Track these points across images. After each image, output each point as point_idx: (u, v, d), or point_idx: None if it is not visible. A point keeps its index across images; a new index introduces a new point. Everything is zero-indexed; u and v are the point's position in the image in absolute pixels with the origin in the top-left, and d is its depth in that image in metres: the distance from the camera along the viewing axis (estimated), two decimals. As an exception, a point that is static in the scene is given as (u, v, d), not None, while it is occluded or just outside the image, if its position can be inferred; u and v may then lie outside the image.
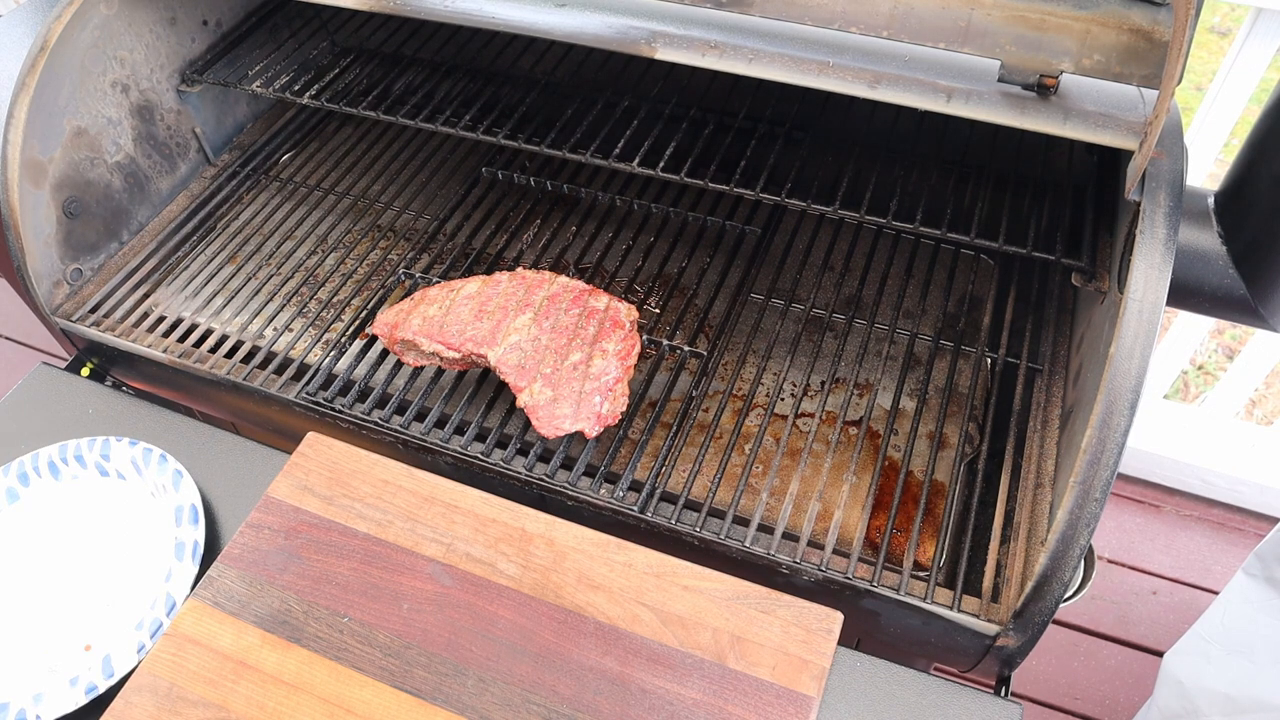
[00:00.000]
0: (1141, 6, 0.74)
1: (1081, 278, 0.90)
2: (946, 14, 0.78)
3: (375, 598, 0.76)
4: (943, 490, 0.90)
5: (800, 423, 0.98)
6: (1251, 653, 1.09)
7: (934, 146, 1.06)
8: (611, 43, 0.86)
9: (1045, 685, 1.69)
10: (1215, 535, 1.88)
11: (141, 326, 1.06)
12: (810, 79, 0.81)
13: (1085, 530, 0.71)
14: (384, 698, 0.71)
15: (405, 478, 0.83)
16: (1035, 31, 0.76)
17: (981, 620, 0.77)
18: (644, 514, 0.85)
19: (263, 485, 0.84)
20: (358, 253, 1.18)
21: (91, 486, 0.92)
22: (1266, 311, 0.84)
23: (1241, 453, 1.84)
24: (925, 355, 1.01)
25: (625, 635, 0.73)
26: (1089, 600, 1.78)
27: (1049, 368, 0.96)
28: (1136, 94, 0.78)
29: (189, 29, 1.20)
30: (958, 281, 1.09)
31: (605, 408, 0.89)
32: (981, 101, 0.77)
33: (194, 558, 0.82)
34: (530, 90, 1.13)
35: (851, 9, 0.80)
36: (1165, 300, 0.71)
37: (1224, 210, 0.83)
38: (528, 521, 0.80)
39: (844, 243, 1.14)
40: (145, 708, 0.71)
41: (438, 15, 0.92)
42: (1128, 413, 0.70)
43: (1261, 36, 1.33)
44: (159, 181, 1.21)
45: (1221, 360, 2.23)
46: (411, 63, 1.24)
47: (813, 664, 0.71)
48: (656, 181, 1.17)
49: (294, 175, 1.27)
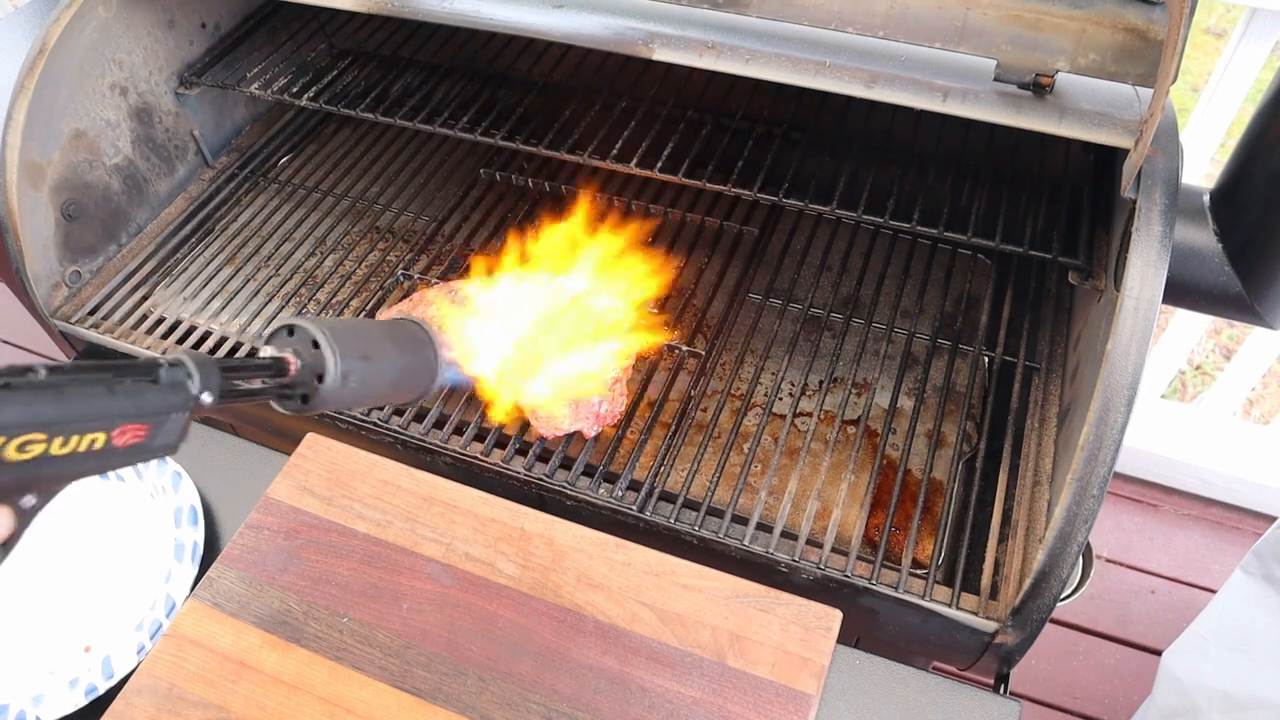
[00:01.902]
0: (1136, 6, 0.74)
1: (1078, 276, 0.91)
2: (942, 14, 0.78)
3: (375, 598, 0.76)
4: (941, 488, 0.90)
5: (798, 422, 0.98)
6: (1250, 650, 1.09)
7: (931, 146, 1.06)
8: (609, 43, 0.87)
9: (1045, 684, 1.69)
10: (1213, 534, 1.88)
11: (140, 328, 1.06)
12: (807, 79, 0.81)
13: (1083, 527, 0.71)
14: (384, 698, 0.71)
15: (404, 478, 0.83)
16: (1031, 31, 0.77)
17: (980, 617, 0.77)
18: (643, 513, 0.85)
19: (262, 486, 0.84)
20: (356, 254, 1.18)
21: (90, 488, 0.92)
22: (1262, 308, 0.84)
23: (1239, 452, 1.85)
24: (923, 354, 1.01)
25: (625, 634, 0.73)
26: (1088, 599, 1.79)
27: (1046, 366, 0.97)
28: (1132, 93, 0.78)
29: (187, 32, 1.21)
30: (955, 280, 1.09)
31: (604, 407, 0.89)
32: (978, 101, 0.78)
33: (193, 559, 0.82)
34: (528, 91, 1.14)
35: (848, 9, 0.81)
36: (1161, 297, 0.71)
37: (1219, 208, 0.84)
38: (527, 521, 0.80)
39: (841, 242, 1.14)
40: (145, 709, 0.71)
41: (435, 17, 0.92)
42: (1124, 409, 0.70)
43: (1256, 36, 1.33)
44: (157, 184, 1.21)
45: (1219, 360, 2.23)
46: (409, 64, 1.25)
47: (812, 662, 0.71)
48: (654, 182, 1.17)
49: (292, 177, 1.27)
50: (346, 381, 0.54)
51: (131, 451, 0.45)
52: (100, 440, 0.43)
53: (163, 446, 0.46)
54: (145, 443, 0.45)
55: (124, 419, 0.44)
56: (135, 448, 0.45)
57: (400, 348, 0.61)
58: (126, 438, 0.44)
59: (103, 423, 0.43)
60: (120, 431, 0.44)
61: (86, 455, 0.42)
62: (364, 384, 0.56)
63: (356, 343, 0.55)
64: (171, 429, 0.46)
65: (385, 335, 0.60)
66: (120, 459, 0.44)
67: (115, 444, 0.44)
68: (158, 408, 0.45)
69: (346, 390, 0.54)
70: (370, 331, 0.58)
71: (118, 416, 0.43)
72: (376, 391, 0.58)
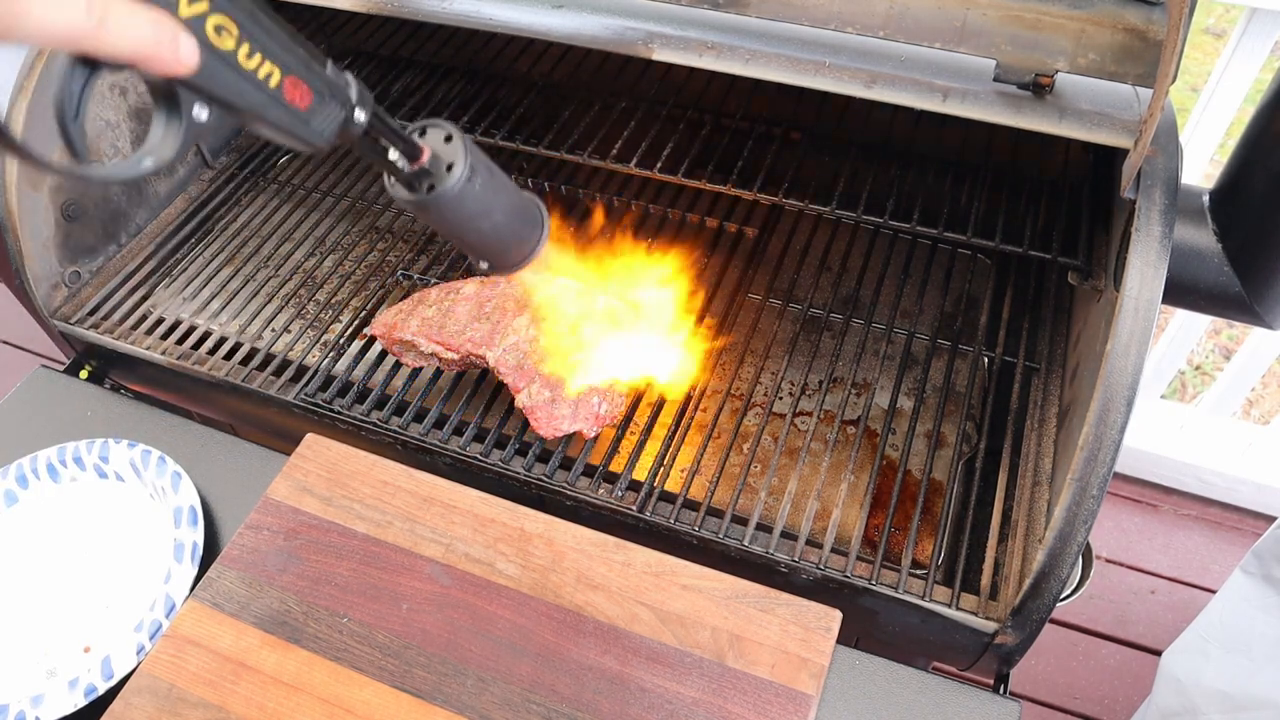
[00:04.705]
0: (1136, 6, 0.74)
1: (1077, 276, 0.91)
2: (942, 14, 0.78)
3: (375, 598, 0.76)
4: (941, 488, 0.90)
5: (798, 421, 0.98)
6: (1249, 650, 1.09)
7: (931, 146, 1.06)
8: (608, 44, 0.87)
9: (1044, 685, 1.69)
10: (1213, 534, 1.88)
11: (140, 329, 1.06)
12: (807, 79, 0.81)
13: (1083, 527, 0.71)
14: (384, 698, 0.71)
15: (404, 478, 0.83)
16: (1030, 31, 0.77)
17: (979, 618, 0.77)
18: (643, 513, 0.85)
19: (262, 486, 0.84)
20: (356, 254, 1.18)
21: (90, 488, 0.92)
22: (1261, 308, 0.84)
23: (1239, 452, 1.85)
24: (923, 354, 1.01)
25: (624, 634, 0.73)
26: (1087, 600, 1.79)
27: (1046, 366, 0.97)
28: (1131, 93, 0.78)
29: (187, 32, 1.20)
30: (955, 281, 1.09)
31: (604, 408, 0.89)
32: (977, 101, 0.78)
33: (193, 559, 0.82)
34: (528, 91, 1.14)
35: (848, 9, 0.81)
36: (1161, 297, 0.71)
37: (1219, 208, 0.84)
38: (526, 521, 0.80)
39: (841, 242, 1.14)
40: (145, 709, 0.71)
41: (435, 17, 0.92)
42: (1124, 409, 0.70)
43: (1255, 36, 1.33)
44: (157, 184, 1.21)
45: (1219, 360, 2.23)
46: (409, 64, 1.25)
47: (811, 662, 0.71)
48: (654, 182, 1.17)
49: (292, 178, 1.27)
50: (471, 182, 0.57)
51: (291, 115, 0.47)
52: (276, 77, 0.46)
53: (315, 133, 0.49)
54: (304, 115, 0.48)
55: (298, 71, 0.47)
56: (295, 114, 0.47)
57: (520, 198, 0.65)
58: (295, 95, 0.47)
59: (283, 57, 0.46)
60: (292, 83, 0.47)
61: (261, 87, 0.45)
62: (481, 199, 0.59)
63: (485, 163, 0.60)
64: (326, 121, 0.50)
65: (510, 183, 0.64)
66: (281, 116, 0.47)
67: (285, 93, 0.46)
68: (322, 84, 0.48)
69: (468, 195, 0.57)
70: (498, 171, 0.62)
71: (295, 64, 0.46)
72: (490, 216, 0.61)
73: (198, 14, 0.41)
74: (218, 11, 0.42)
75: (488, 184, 0.59)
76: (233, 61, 0.43)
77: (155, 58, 0.40)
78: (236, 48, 0.43)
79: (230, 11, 0.42)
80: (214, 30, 0.42)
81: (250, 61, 0.44)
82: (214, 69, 0.43)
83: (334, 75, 0.50)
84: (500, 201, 0.62)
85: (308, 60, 0.48)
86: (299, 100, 0.47)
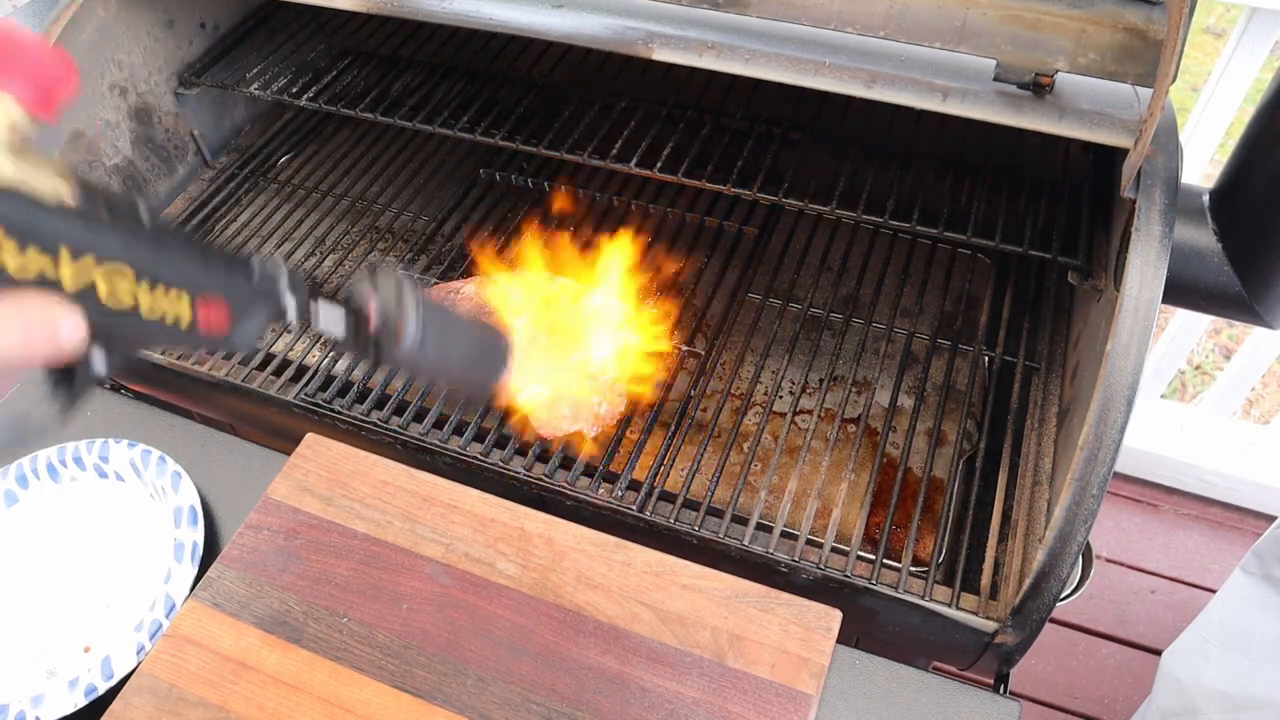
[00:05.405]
0: (1136, 5, 0.74)
1: (1078, 276, 0.91)
2: (942, 14, 0.78)
3: (375, 598, 0.76)
4: (941, 487, 0.90)
5: (799, 420, 0.98)
6: (1249, 650, 1.09)
7: (931, 146, 1.06)
8: (608, 43, 0.87)
9: (1044, 684, 1.69)
10: (1213, 534, 1.88)
11: (140, 329, 1.06)
12: (807, 79, 0.81)
13: (1083, 527, 0.71)
14: (384, 698, 0.71)
15: (404, 478, 0.83)
16: (1030, 31, 0.77)
17: (980, 617, 0.77)
18: (643, 513, 0.85)
19: (262, 486, 0.84)
20: (356, 254, 1.18)
21: (90, 488, 0.92)
22: (1261, 308, 0.84)
23: (1239, 452, 1.85)
24: (923, 353, 1.01)
25: (624, 634, 0.73)
26: (1087, 599, 1.79)
27: (1046, 366, 0.97)
28: (1131, 92, 0.78)
29: (186, 32, 1.21)
30: (955, 280, 1.09)
31: (604, 408, 0.89)
32: (977, 100, 0.78)
33: (193, 559, 0.82)
34: (528, 91, 1.14)
35: (848, 9, 0.81)
36: (1161, 297, 0.71)
37: (1219, 207, 0.84)
38: (526, 521, 0.80)
39: (841, 242, 1.14)
40: (145, 709, 0.71)
41: (435, 17, 0.92)
42: (1124, 409, 0.70)
43: (1256, 36, 1.33)
44: (157, 184, 1.21)
45: (1219, 360, 2.23)
46: (409, 64, 1.25)
47: (812, 662, 0.71)
48: (654, 182, 1.17)
49: (292, 177, 1.27)
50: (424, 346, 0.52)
51: (209, 338, 0.44)
52: (185, 307, 0.42)
53: (240, 342, 0.46)
54: (225, 334, 0.44)
55: (212, 291, 0.43)
56: (214, 336, 0.44)
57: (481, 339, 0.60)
58: (209, 318, 0.43)
59: (191, 284, 0.42)
60: (205, 305, 0.43)
61: (169, 331, 0.42)
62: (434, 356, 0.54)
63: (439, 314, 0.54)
64: (251, 327, 0.46)
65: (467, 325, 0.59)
66: (196, 341, 0.44)
67: (199, 319, 0.43)
68: (244, 296, 0.45)
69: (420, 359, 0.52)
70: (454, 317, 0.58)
71: (207, 286, 0.42)
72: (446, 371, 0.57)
73: (85, 283, 0.36)
74: (108, 259, 0.37)
75: (441, 340, 0.54)
76: (133, 315, 0.39)
77: (29, 357, 0.34)
78: (136, 292, 0.39)
79: (123, 255, 0.38)
80: (107, 291, 0.38)
81: (155, 306, 0.40)
82: (109, 328, 0.38)
83: (260, 274, 0.46)
84: (456, 353, 0.57)
85: (226, 272, 0.44)
86: (215, 321, 0.44)
